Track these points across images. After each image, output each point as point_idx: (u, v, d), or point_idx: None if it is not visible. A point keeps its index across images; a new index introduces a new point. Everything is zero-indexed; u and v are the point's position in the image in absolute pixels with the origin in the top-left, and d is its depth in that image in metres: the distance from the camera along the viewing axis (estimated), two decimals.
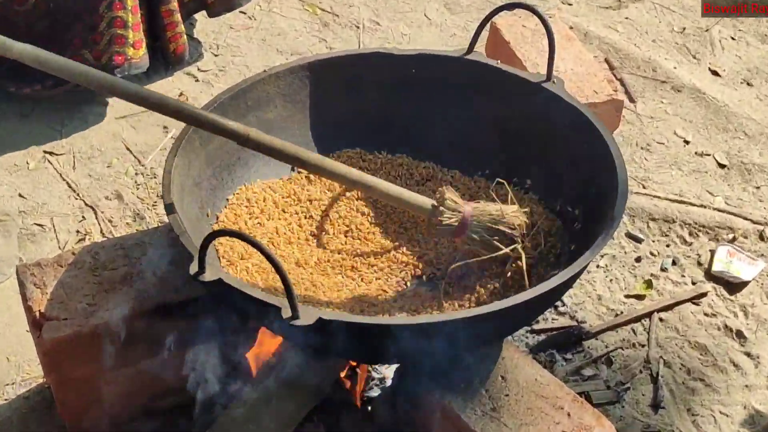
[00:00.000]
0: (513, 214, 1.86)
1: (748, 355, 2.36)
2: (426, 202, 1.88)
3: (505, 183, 1.95)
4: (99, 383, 1.91)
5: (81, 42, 2.68)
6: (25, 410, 2.13)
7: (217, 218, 2.00)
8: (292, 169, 2.13)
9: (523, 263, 1.85)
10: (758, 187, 2.73)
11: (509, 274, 1.89)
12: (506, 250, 1.84)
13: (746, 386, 2.30)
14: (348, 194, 2.12)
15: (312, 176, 2.13)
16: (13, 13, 2.66)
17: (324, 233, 2.05)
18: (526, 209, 1.96)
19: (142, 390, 1.96)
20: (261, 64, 2.95)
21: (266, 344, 2.01)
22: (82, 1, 2.64)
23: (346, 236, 2.05)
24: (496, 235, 1.84)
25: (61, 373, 1.89)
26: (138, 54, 2.75)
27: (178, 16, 2.80)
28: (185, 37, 2.88)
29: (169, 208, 1.76)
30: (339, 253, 2.03)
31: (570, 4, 3.34)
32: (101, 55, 2.69)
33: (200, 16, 3.09)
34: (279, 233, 2.02)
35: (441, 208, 1.85)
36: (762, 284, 2.50)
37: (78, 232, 2.53)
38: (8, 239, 2.41)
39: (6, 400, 2.15)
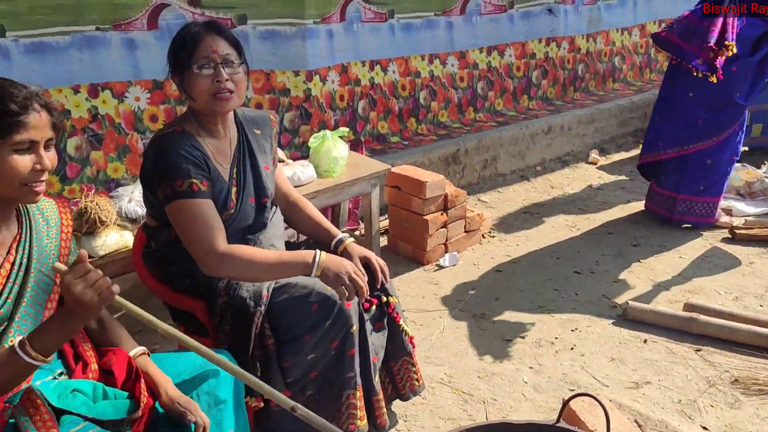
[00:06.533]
0: None
1: None
2: None
3: None
4: None
5: (342, 416, 2.73)
6: None
7: None
8: None
9: None
10: None
11: None
12: None
13: None
14: None
15: None
16: (304, 361, 2.64)
17: None
18: None
19: None
20: (432, 426, 2.95)
21: None
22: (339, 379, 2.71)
23: None
24: None
25: None
26: (363, 422, 2.78)
27: (382, 402, 2.88)
28: (386, 414, 2.92)
29: None
30: None
31: (607, 386, 3.27)
32: (342, 425, 2.75)
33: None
34: None
35: None
36: None
37: None
38: None
39: None
